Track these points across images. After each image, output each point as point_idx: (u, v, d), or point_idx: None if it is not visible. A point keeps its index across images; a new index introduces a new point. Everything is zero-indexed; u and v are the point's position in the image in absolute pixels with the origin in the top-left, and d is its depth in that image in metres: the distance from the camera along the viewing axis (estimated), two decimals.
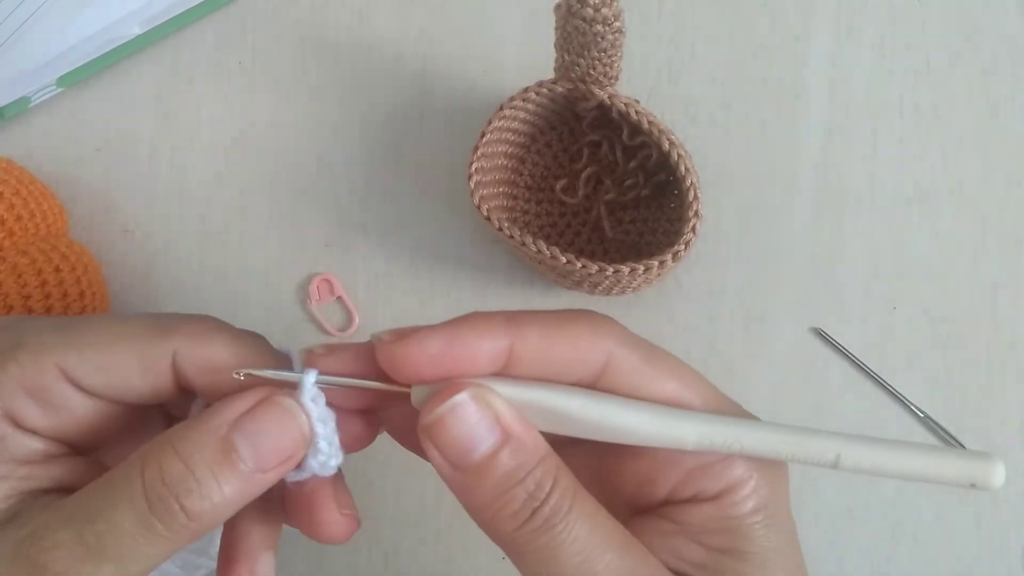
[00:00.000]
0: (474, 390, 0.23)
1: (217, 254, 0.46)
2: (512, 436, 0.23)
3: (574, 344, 0.24)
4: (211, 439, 0.24)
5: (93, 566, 0.23)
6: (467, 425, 0.23)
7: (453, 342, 0.23)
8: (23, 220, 0.40)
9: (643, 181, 0.44)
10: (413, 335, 0.23)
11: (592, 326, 0.25)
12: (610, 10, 0.34)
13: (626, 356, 0.24)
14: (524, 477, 0.23)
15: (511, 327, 0.24)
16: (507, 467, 0.23)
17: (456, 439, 0.23)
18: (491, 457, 0.23)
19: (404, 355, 0.23)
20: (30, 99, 0.45)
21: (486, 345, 0.24)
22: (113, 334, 0.25)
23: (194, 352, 0.25)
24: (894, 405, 0.45)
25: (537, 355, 0.24)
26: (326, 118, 0.47)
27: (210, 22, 0.47)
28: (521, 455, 0.23)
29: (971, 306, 0.45)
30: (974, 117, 0.46)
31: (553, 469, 0.24)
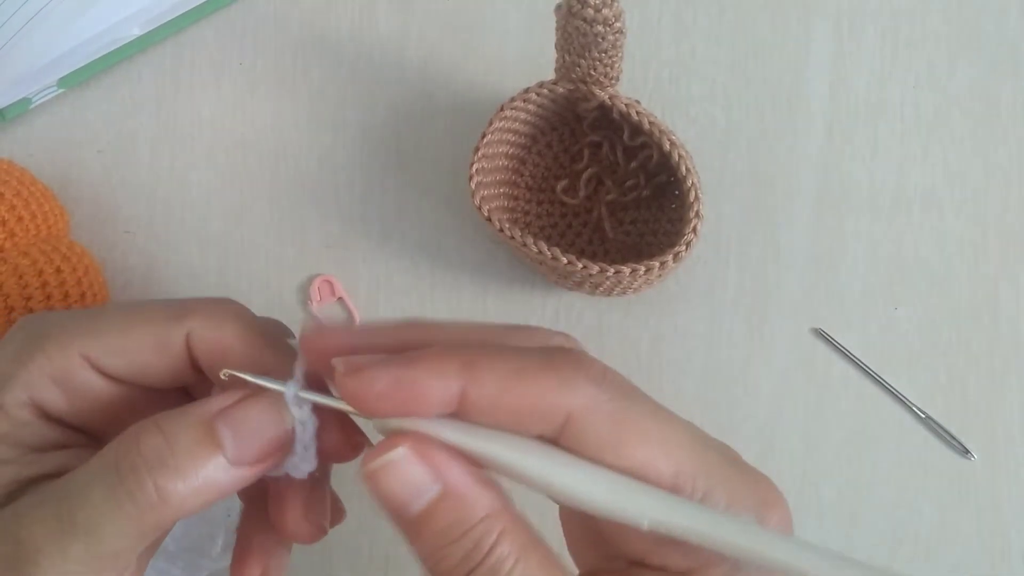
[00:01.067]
0: (414, 443, 0.22)
1: (218, 255, 0.46)
2: (451, 492, 0.22)
3: (532, 398, 0.22)
4: (196, 422, 0.24)
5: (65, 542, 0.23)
6: (404, 479, 0.22)
7: (401, 382, 0.22)
8: (24, 221, 0.40)
9: (644, 182, 0.44)
10: (362, 371, 0.23)
11: (559, 379, 0.22)
12: (611, 11, 0.34)
13: (590, 418, 0.22)
14: (462, 535, 0.22)
15: (467, 370, 0.22)
16: (443, 523, 0.22)
17: (393, 492, 0.22)
18: (427, 512, 0.22)
19: (354, 391, 0.23)
20: (31, 100, 0.45)
21: (436, 388, 0.22)
22: (130, 318, 0.26)
23: (205, 334, 0.26)
24: (895, 406, 0.45)
25: (491, 404, 0.22)
26: (327, 119, 0.47)
27: (211, 23, 0.47)
28: (458, 512, 0.22)
29: (972, 306, 0.45)
30: (975, 118, 0.46)
31: (497, 528, 0.22)
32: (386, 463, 0.22)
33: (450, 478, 0.22)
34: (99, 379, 0.26)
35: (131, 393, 0.27)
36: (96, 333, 0.26)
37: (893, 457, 0.44)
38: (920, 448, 0.44)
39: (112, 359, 0.26)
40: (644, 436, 0.23)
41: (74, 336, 0.25)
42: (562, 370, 0.23)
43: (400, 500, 0.22)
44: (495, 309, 0.46)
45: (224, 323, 0.26)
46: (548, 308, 0.46)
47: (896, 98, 0.46)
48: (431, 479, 0.22)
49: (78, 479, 0.23)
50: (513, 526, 0.23)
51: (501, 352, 0.23)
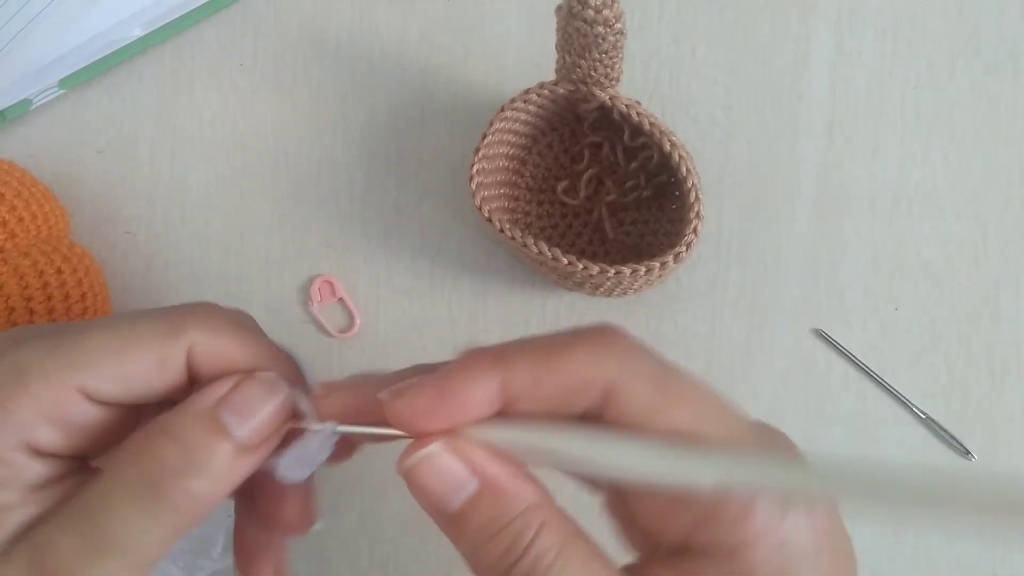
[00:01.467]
0: (448, 440, 0.23)
1: (218, 256, 0.46)
2: (489, 485, 0.23)
3: (569, 373, 0.23)
4: (200, 417, 0.24)
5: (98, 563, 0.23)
6: (441, 475, 0.23)
7: (442, 395, 0.23)
8: (25, 222, 0.40)
9: (644, 182, 0.44)
10: (404, 393, 0.23)
11: (592, 351, 0.23)
12: (611, 12, 0.34)
13: (631, 383, 0.22)
14: (502, 528, 0.22)
15: (499, 364, 0.23)
16: (484, 518, 0.22)
17: (431, 488, 0.23)
18: (467, 508, 0.23)
19: (400, 414, 0.23)
20: (32, 101, 0.45)
21: (476, 391, 0.23)
22: (125, 340, 0.25)
23: (207, 347, 0.25)
24: (895, 406, 0.45)
25: (531, 388, 0.23)
26: (327, 119, 0.47)
27: (211, 24, 0.47)
28: (498, 506, 0.22)
29: (972, 307, 0.45)
30: (975, 118, 0.46)
31: (538, 519, 0.22)
32: (423, 458, 0.23)
33: (488, 472, 0.23)
34: (94, 408, 0.25)
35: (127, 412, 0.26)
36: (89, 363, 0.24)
37: (893, 457, 0.44)
38: (920, 449, 0.44)
39: (110, 387, 0.25)
40: (688, 398, 0.23)
41: (65, 369, 0.24)
42: (595, 341, 0.23)
43: (439, 496, 0.23)
44: (495, 310, 0.46)
45: (223, 332, 0.26)
46: (548, 309, 0.46)
47: (896, 98, 0.46)
48: (469, 473, 0.23)
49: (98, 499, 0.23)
50: (553, 518, 0.23)
51: (531, 340, 0.23)
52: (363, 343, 0.45)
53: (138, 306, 0.46)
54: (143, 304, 0.46)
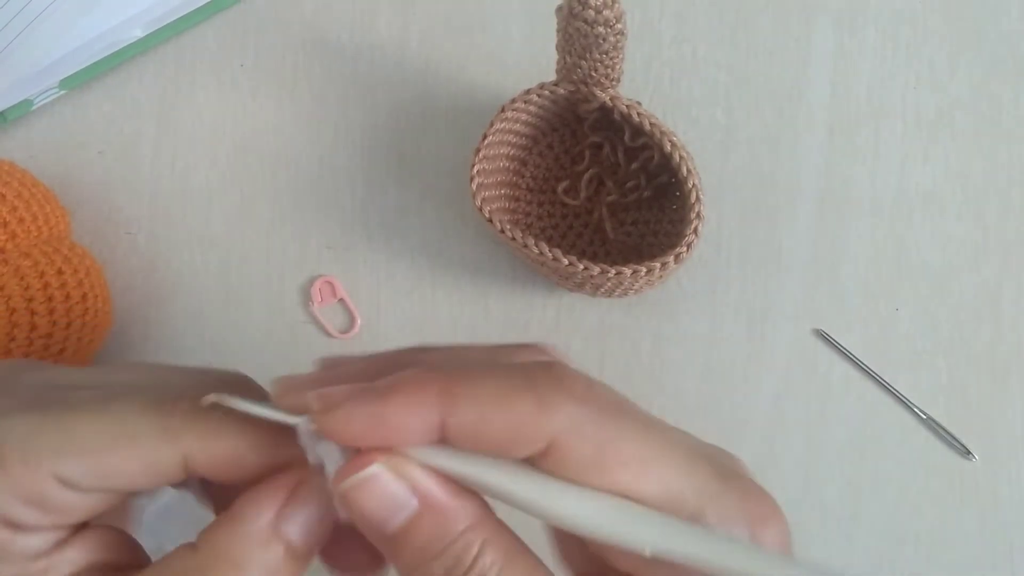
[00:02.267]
0: (387, 460, 0.22)
1: (219, 256, 0.46)
2: (430, 506, 0.22)
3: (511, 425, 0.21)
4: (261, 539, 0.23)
5: None
6: (379, 496, 0.22)
7: (378, 421, 0.21)
8: (25, 223, 0.40)
9: (645, 183, 0.44)
10: (339, 409, 0.22)
11: (537, 402, 0.21)
12: (612, 12, 0.34)
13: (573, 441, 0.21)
14: (444, 549, 0.22)
15: (443, 400, 0.21)
16: (423, 539, 0.22)
17: (369, 510, 0.22)
18: (407, 529, 0.22)
19: (330, 429, 0.22)
20: (32, 102, 0.45)
21: (414, 421, 0.21)
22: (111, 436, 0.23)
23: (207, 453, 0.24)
24: (896, 407, 0.45)
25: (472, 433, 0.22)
26: (328, 120, 0.47)
27: (212, 25, 0.47)
28: (438, 526, 0.22)
29: (974, 307, 0.45)
30: (976, 118, 0.46)
31: (478, 539, 0.22)
32: (360, 481, 0.22)
33: (427, 492, 0.22)
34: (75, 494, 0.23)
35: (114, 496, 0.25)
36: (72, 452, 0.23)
37: (894, 458, 0.44)
38: (921, 449, 0.44)
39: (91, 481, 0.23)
40: (629, 456, 0.22)
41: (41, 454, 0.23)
42: (543, 391, 0.22)
43: (377, 518, 0.22)
44: (496, 310, 0.46)
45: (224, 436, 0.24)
46: (549, 309, 0.46)
47: (897, 98, 0.46)
48: (408, 494, 0.22)
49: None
50: (495, 535, 0.22)
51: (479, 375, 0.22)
52: (364, 344, 0.45)
53: (138, 307, 0.46)
54: (144, 304, 0.46)
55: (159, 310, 0.46)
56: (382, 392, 0.22)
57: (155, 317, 0.46)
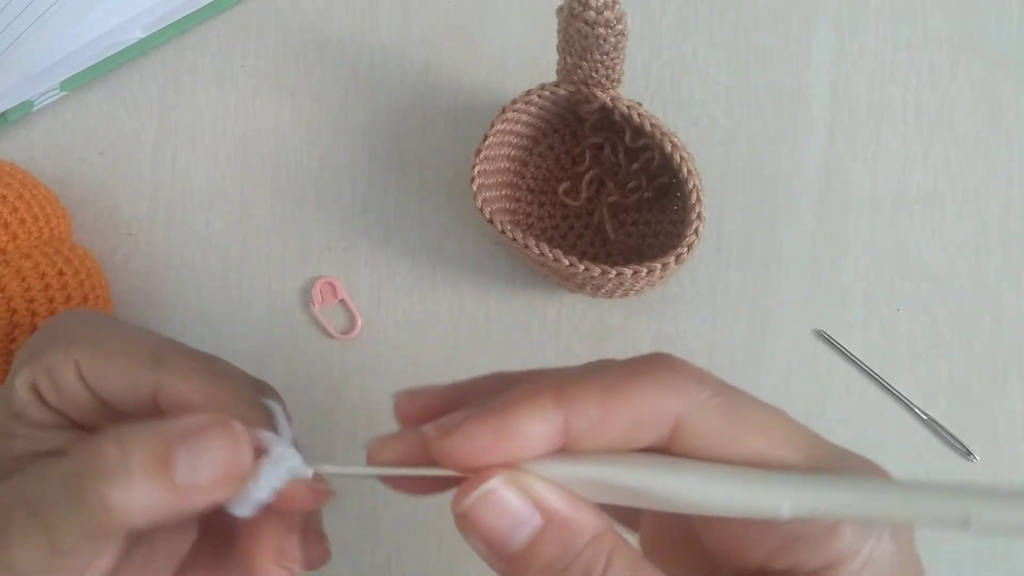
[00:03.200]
0: (507, 474, 0.21)
1: (220, 257, 0.46)
2: (554, 518, 0.21)
3: (636, 409, 0.21)
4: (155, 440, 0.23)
5: (28, 527, 0.23)
6: (501, 511, 0.21)
7: (502, 433, 0.21)
8: (26, 224, 0.40)
9: (645, 183, 0.44)
10: (459, 429, 0.22)
11: (657, 384, 0.22)
12: (612, 13, 0.34)
13: (700, 414, 0.22)
14: (571, 562, 0.21)
15: (562, 401, 0.21)
16: (550, 554, 0.21)
17: (491, 527, 0.21)
18: (532, 545, 0.21)
19: (452, 452, 0.22)
20: (33, 103, 0.45)
21: (538, 428, 0.21)
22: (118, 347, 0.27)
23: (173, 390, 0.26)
24: (897, 407, 0.45)
25: (596, 427, 0.21)
26: (328, 120, 0.47)
27: (212, 26, 0.47)
28: (564, 540, 0.21)
29: (974, 307, 0.45)
30: (977, 118, 0.46)
31: (605, 550, 0.21)
32: (480, 497, 0.21)
33: (550, 505, 0.21)
34: (82, 387, 0.27)
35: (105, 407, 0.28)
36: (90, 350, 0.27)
37: (895, 458, 0.44)
38: (922, 449, 0.44)
39: (91, 377, 0.27)
40: (760, 425, 0.22)
41: (74, 343, 0.27)
42: (659, 374, 0.22)
43: (500, 535, 0.21)
44: (497, 311, 0.46)
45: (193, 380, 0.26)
46: (550, 310, 0.46)
47: (897, 98, 0.46)
48: (530, 508, 0.21)
49: (47, 472, 0.24)
50: (621, 545, 0.22)
51: (591, 373, 0.22)
52: (364, 344, 0.45)
53: (140, 307, 0.46)
54: (145, 305, 0.46)
55: (160, 311, 0.46)
56: (500, 407, 0.22)
57: (156, 318, 0.46)
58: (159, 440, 0.23)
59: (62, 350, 0.27)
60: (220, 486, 0.23)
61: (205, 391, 0.26)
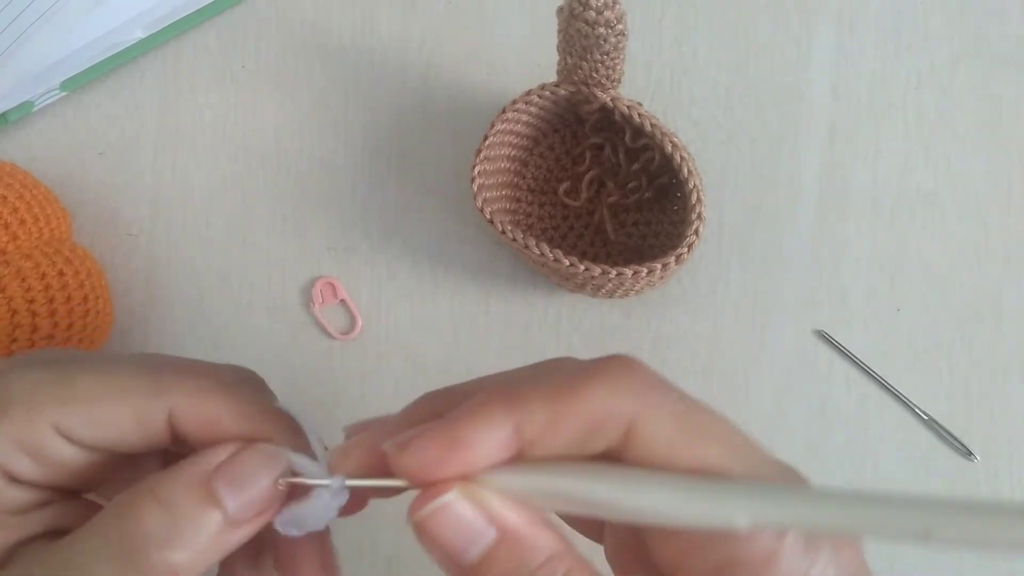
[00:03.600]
0: (463, 488, 0.21)
1: (220, 257, 0.46)
2: (508, 535, 0.21)
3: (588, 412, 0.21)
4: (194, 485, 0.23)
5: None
6: (456, 526, 0.21)
7: (453, 444, 0.21)
8: (27, 224, 0.40)
9: (646, 184, 0.44)
10: (411, 443, 0.21)
11: (610, 386, 0.21)
12: (613, 13, 0.34)
13: (653, 419, 0.21)
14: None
15: (512, 407, 0.21)
16: (503, 569, 0.21)
17: (445, 540, 0.21)
18: (486, 558, 0.21)
19: (407, 465, 0.22)
20: (33, 103, 0.45)
21: (489, 437, 0.21)
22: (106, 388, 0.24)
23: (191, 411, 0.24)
24: (898, 408, 0.45)
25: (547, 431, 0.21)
26: (329, 121, 0.47)
27: (213, 26, 0.47)
28: (519, 556, 0.21)
29: (975, 308, 0.45)
30: (977, 118, 0.46)
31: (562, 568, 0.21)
32: (436, 509, 0.21)
33: (506, 520, 0.21)
34: (71, 448, 0.24)
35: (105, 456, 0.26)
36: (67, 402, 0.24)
37: (896, 459, 0.44)
38: (923, 450, 0.44)
39: (85, 431, 0.24)
40: (712, 434, 0.22)
41: (43, 405, 0.24)
42: (613, 377, 0.22)
43: (455, 547, 0.21)
44: (497, 311, 0.46)
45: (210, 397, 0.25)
46: (550, 310, 0.46)
47: (898, 98, 0.46)
48: (485, 523, 0.21)
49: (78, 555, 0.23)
50: (577, 566, 0.22)
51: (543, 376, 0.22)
52: (365, 345, 0.45)
53: (139, 308, 0.46)
54: (145, 306, 0.46)
55: (160, 311, 0.46)
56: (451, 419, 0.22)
57: (156, 318, 0.46)
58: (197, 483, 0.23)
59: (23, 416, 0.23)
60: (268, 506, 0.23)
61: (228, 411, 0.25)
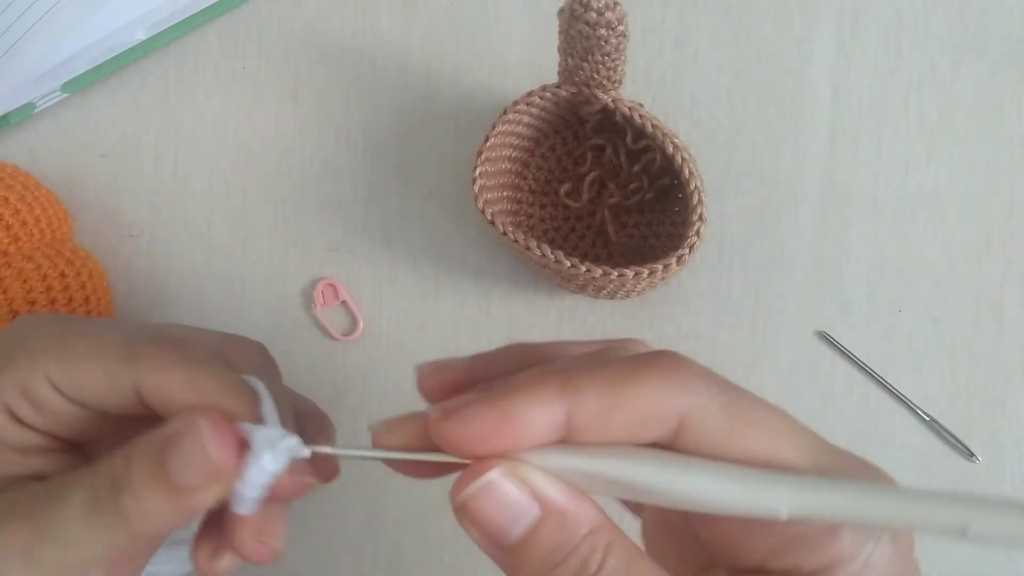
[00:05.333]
0: (506, 465, 0.22)
1: (221, 259, 0.46)
2: (552, 511, 0.21)
3: (640, 405, 0.21)
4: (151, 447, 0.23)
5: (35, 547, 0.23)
6: (500, 503, 0.21)
7: (504, 419, 0.21)
8: (28, 226, 0.40)
9: (647, 185, 0.44)
10: (461, 413, 0.21)
11: (663, 380, 0.22)
12: (613, 14, 0.34)
13: (705, 412, 0.22)
14: (568, 555, 0.21)
15: (567, 392, 0.21)
16: (548, 545, 0.21)
17: (489, 519, 0.21)
18: (530, 535, 0.21)
19: (452, 436, 0.22)
20: (35, 105, 0.45)
21: (540, 417, 0.21)
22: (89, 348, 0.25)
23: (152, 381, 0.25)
24: (900, 409, 0.45)
25: (599, 420, 0.21)
26: (330, 122, 0.47)
27: (214, 27, 0.47)
28: (563, 531, 0.21)
29: (977, 309, 0.45)
30: (979, 119, 0.46)
31: (602, 543, 0.22)
32: (480, 488, 0.21)
33: (548, 496, 0.22)
34: (61, 399, 0.26)
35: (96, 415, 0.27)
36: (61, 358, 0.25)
37: (897, 460, 0.44)
38: (924, 451, 0.44)
39: (70, 388, 0.25)
40: (764, 425, 0.22)
41: (42, 355, 0.25)
42: (665, 371, 0.22)
43: (499, 526, 0.21)
44: (499, 312, 0.46)
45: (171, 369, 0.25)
46: (552, 311, 0.46)
47: (899, 99, 0.46)
48: (529, 500, 0.21)
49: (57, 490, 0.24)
50: (618, 539, 0.22)
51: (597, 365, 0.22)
52: (366, 346, 0.45)
53: (141, 309, 0.46)
54: (146, 307, 0.46)
55: (161, 312, 0.46)
56: (504, 393, 0.22)
57: (157, 319, 0.46)
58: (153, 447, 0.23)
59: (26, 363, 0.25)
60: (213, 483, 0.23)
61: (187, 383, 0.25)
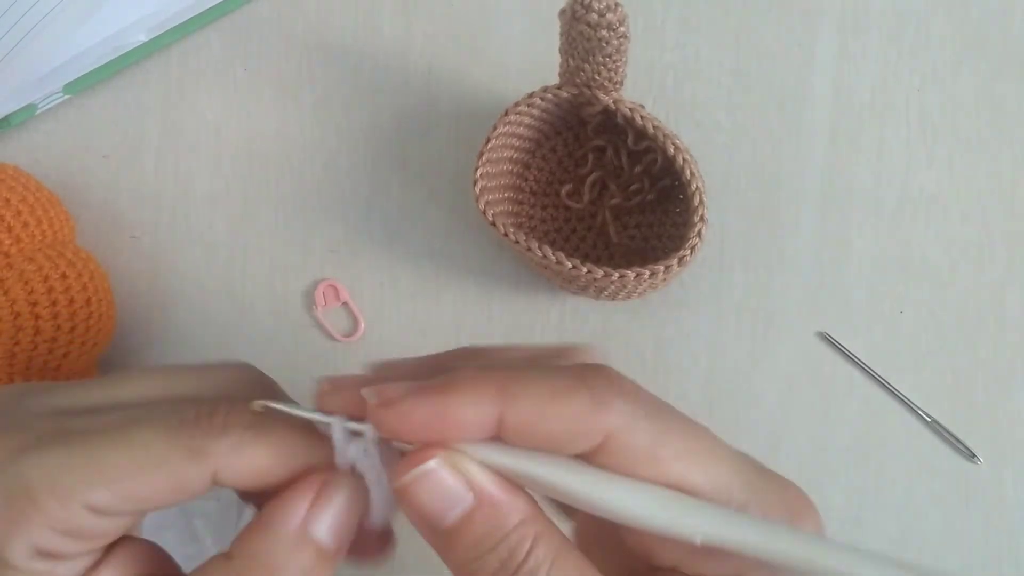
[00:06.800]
0: (445, 455, 0.23)
1: (223, 260, 0.46)
2: (485, 500, 0.23)
3: (568, 420, 0.22)
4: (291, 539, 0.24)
5: None
6: (437, 491, 0.23)
7: (439, 416, 0.22)
8: (30, 227, 0.40)
9: (648, 186, 0.44)
10: (398, 402, 0.22)
11: (594, 399, 0.22)
12: (615, 15, 0.34)
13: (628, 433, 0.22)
14: (497, 543, 0.22)
15: (503, 396, 0.22)
16: (479, 532, 0.23)
17: (426, 504, 0.23)
18: (463, 522, 0.23)
19: (390, 425, 0.23)
20: (37, 106, 0.45)
21: (473, 415, 0.22)
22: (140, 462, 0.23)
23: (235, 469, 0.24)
24: (901, 410, 0.45)
25: (529, 428, 0.22)
26: (331, 124, 0.47)
27: (216, 29, 0.47)
28: (495, 520, 0.23)
29: (978, 310, 0.45)
30: (980, 120, 0.46)
31: (532, 533, 0.23)
32: (419, 475, 0.23)
33: (483, 487, 0.23)
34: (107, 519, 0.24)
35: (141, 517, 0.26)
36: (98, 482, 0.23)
37: (899, 461, 0.44)
38: (926, 452, 0.44)
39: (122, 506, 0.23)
40: (680, 450, 0.23)
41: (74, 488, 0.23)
42: (597, 389, 0.23)
43: (434, 512, 0.23)
44: (500, 314, 0.46)
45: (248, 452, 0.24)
46: (553, 312, 0.46)
47: (901, 100, 0.46)
48: (464, 489, 0.23)
49: None
50: (547, 531, 0.23)
51: (535, 374, 0.23)
52: (367, 347, 0.45)
53: (142, 311, 0.46)
54: (148, 309, 0.46)
55: (163, 314, 0.46)
56: (441, 388, 0.23)
57: (159, 321, 0.46)
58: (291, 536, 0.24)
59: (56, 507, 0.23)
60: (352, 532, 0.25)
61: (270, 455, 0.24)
